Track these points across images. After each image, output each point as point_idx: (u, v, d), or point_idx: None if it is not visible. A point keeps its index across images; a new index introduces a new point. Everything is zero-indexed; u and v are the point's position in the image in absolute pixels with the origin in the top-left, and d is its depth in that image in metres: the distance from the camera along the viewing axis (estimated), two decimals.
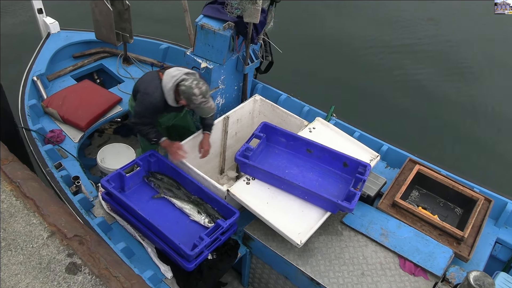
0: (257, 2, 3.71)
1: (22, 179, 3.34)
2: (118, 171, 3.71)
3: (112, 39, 4.62)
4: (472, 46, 8.10)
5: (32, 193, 3.26)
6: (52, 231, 3.08)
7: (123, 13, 4.49)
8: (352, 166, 3.81)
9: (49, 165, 3.88)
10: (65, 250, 3.00)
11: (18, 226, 3.08)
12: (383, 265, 3.49)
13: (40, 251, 2.97)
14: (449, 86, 7.25)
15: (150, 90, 3.57)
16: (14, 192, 3.27)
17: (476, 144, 6.26)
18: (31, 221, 3.13)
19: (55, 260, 2.93)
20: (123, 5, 4.42)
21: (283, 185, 3.65)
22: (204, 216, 3.63)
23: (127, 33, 4.66)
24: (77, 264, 2.94)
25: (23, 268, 2.88)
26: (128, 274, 2.97)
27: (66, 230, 3.08)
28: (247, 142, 3.86)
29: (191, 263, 3.31)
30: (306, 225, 3.45)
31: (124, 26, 4.61)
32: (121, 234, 3.66)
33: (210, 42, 4.16)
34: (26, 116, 4.21)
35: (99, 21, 4.51)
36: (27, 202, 3.22)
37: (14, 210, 3.17)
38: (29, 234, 3.05)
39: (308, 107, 4.91)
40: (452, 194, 4.08)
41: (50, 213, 3.16)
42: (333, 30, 8.12)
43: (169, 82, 3.53)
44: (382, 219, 3.81)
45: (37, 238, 3.04)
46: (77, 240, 3.06)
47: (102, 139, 5.29)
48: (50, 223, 3.12)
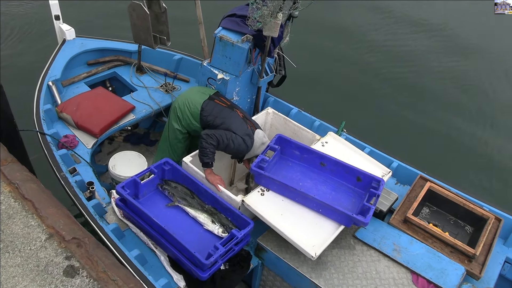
0: (277, 16, 3.78)
1: (21, 181, 3.31)
2: (133, 177, 3.72)
3: (150, 42, 4.64)
4: (490, 61, 8.16)
5: (31, 195, 3.24)
6: (51, 233, 3.05)
7: (160, 16, 4.52)
8: (366, 181, 3.85)
9: (64, 170, 3.88)
10: (63, 252, 2.97)
11: (16, 228, 3.05)
12: (396, 281, 3.49)
13: (38, 253, 2.94)
14: (458, 101, 7.34)
15: (248, 142, 3.99)
16: (12, 193, 3.24)
17: (487, 163, 6.30)
18: (30, 223, 3.10)
19: (53, 263, 2.91)
20: (160, 8, 4.46)
21: (297, 197, 3.67)
22: (218, 225, 3.63)
23: (165, 36, 4.70)
24: (75, 267, 2.91)
25: (20, 271, 2.85)
26: (126, 277, 2.93)
27: (64, 233, 3.06)
28: (262, 154, 3.89)
29: (205, 273, 3.30)
30: (320, 238, 3.46)
31: (161, 28, 4.63)
32: (133, 241, 3.65)
33: (228, 54, 4.21)
34: (41, 120, 4.21)
35: (136, 25, 4.54)
36: (26, 203, 3.20)
37: (13, 211, 3.14)
38: (27, 236, 3.02)
39: (319, 122, 4.95)
40: (462, 212, 4.11)
41: (48, 215, 3.14)
42: (343, 45, 8.23)
43: (259, 149, 4.05)
44: (394, 234, 3.82)
45: (35, 240, 3.01)
46: (75, 242, 3.03)
47: (112, 147, 5.30)
48: (48, 225, 3.09)
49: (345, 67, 7.74)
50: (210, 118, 4.06)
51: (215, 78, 4.33)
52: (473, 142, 6.65)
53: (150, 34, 4.52)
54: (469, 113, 7.15)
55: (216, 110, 4.09)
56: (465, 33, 8.80)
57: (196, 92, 4.31)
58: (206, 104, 4.13)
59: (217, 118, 4.03)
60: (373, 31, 8.73)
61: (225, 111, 4.08)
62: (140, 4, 4.36)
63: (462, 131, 6.80)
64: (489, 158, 6.40)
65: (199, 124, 4.16)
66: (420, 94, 7.41)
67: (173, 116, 4.31)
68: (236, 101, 4.59)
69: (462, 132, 6.79)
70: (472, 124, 6.96)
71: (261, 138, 4.07)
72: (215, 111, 4.08)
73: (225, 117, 4.03)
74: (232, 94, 4.47)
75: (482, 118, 7.08)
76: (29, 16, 7.71)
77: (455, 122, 6.95)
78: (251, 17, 3.83)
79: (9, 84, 6.09)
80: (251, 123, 4.14)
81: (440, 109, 7.17)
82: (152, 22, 4.49)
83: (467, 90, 7.62)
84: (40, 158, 5.02)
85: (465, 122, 6.97)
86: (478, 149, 6.53)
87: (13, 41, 7.15)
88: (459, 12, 9.22)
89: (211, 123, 4.05)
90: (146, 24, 4.43)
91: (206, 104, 4.13)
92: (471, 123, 6.97)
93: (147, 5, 4.41)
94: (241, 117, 4.10)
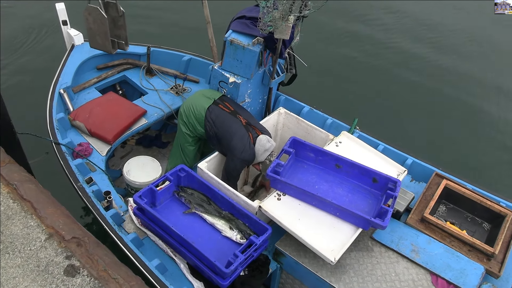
0: (288, 19, 3.73)
1: (19, 181, 3.32)
2: (150, 186, 3.73)
3: (108, 47, 4.47)
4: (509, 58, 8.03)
5: (30, 195, 3.25)
6: (50, 233, 3.07)
7: (118, 20, 4.33)
8: (382, 182, 3.83)
9: (80, 180, 3.90)
10: (63, 252, 2.99)
11: (16, 229, 3.07)
12: (416, 282, 3.50)
13: (38, 253, 2.96)
14: (472, 94, 7.26)
15: (248, 158, 4.04)
16: (11, 194, 3.25)
17: (501, 157, 6.25)
18: (29, 223, 3.11)
19: (53, 263, 2.92)
20: (117, 11, 4.27)
21: (314, 201, 3.67)
22: (236, 232, 3.64)
23: (123, 40, 4.51)
24: (76, 266, 2.92)
25: (21, 271, 2.86)
26: (127, 275, 2.94)
27: (64, 232, 3.07)
28: (277, 158, 3.88)
29: (226, 280, 3.33)
30: (338, 242, 3.47)
31: (119, 33, 4.45)
32: (152, 250, 3.67)
33: (239, 57, 4.18)
34: (55, 130, 4.22)
35: (93, 30, 4.36)
36: (25, 204, 3.21)
37: (12, 212, 3.15)
38: (26, 237, 3.03)
39: (331, 120, 4.92)
40: (479, 209, 4.09)
41: (47, 215, 3.15)
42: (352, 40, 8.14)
43: (262, 156, 4.07)
44: (411, 234, 3.82)
45: (35, 241, 3.02)
46: (75, 242, 3.05)
47: (124, 151, 5.31)
48: (47, 225, 3.11)
49: (354, 63, 7.66)
50: (212, 131, 4.14)
51: (227, 82, 4.31)
52: (487, 137, 6.57)
53: (108, 39, 4.35)
54: (481, 106, 7.07)
55: (219, 120, 4.12)
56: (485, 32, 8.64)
57: (201, 96, 4.33)
58: (210, 110, 4.17)
59: (219, 130, 4.10)
60: (382, 27, 8.62)
61: (227, 120, 4.11)
62: (97, 7, 4.16)
63: (475, 126, 6.73)
64: (505, 152, 6.33)
65: (204, 129, 4.21)
66: (432, 88, 7.32)
67: (180, 121, 4.37)
68: (248, 102, 4.57)
69: (476, 126, 6.72)
70: (486, 118, 6.88)
71: (263, 145, 4.05)
72: (218, 121, 4.12)
73: (227, 129, 4.07)
74: (244, 96, 4.45)
75: (496, 111, 6.99)
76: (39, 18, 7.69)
77: (469, 116, 6.88)
78: (262, 20, 3.78)
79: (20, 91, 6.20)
80: (255, 128, 4.13)
81: (453, 102, 7.10)
82: (110, 27, 4.30)
83: (482, 82, 7.51)
84: (39, 162, 5.13)
85: (479, 117, 6.90)
86: (492, 144, 6.46)
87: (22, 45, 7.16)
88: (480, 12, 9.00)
89: (213, 135, 4.14)
90: (103, 29, 4.27)
91: (210, 111, 4.16)
92: (485, 117, 6.90)
93: (104, 9, 4.21)
94: (244, 124, 4.11)
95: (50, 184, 3.94)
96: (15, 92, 6.20)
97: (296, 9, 3.81)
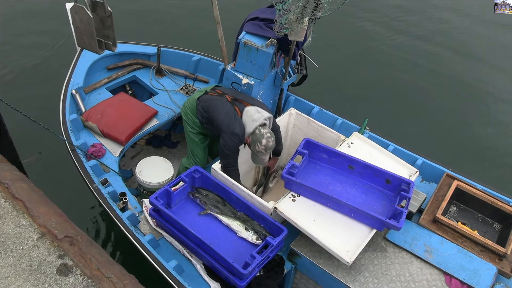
0: (303, 21, 3.74)
1: (10, 180, 3.30)
2: (166, 188, 3.75)
3: (94, 47, 4.31)
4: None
5: (21, 194, 3.23)
6: (43, 232, 3.05)
7: (106, 20, 4.18)
8: (395, 183, 3.87)
9: (96, 181, 3.92)
10: (56, 251, 2.97)
11: (8, 228, 3.05)
12: (430, 283, 3.55)
13: (30, 253, 2.95)
14: (480, 95, 7.28)
15: (238, 131, 3.86)
16: (3, 193, 3.23)
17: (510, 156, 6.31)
18: (21, 222, 3.10)
19: (45, 262, 2.91)
20: (105, 11, 4.14)
21: (329, 203, 3.70)
22: (252, 233, 3.68)
23: (110, 41, 4.36)
24: (68, 265, 2.91)
25: (13, 271, 2.85)
26: (121, 274, 2.93)
27: (56, 231, 3.06)
28: (292, 159, 3.91)
29: (243, 281, 3.36)
30: (353, 243, 3.51)
31: (107, 33, 4.30)
32: (169, 251, 3.70)
33: (252, 59, 4.20)
34: (68, 131, 4.23)
35: (79, 29, 4.20)
36: (16, 203, 3.19)
37: (3, 211, 3.13)
38: (18, 236, 3.01)
39: (341, 120, 4.95)
40: (490, 209, 4.13)
41: (40, 214, 3.13)
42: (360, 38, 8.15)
43: (249, 126, 3.87)
44: (424, 235, 3.87)
45: (27, 240, 3.00)
46: (68, 241, 3.03)
47: (135, 150, 5.32)
48: (40, 224, 3.09)
49: (363, 63, 7.67)
50: (204, 118, 4.12)
51: (240, 83, 4.32)
52: (496, 137, 6.61)
53: (95, 39, 4.20)
54: (493, 106, 7.09)
55: (206, 104, 4.13)
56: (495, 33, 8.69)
57: (197, 92, 4.39)
58: (200, 99, 4.21)
59: (208, 114, 4.07)
60: (390, 26, 8.63)
61: (213, 102, 4.11)
62: (83, 7, 4.03)
63: (484, 127, 6.76)
64: None
65: (198, 119, 4.24)
66: (442, 88, 7.35)
67: (184, 120, 4.42)
68: None
69: (484, 127, 6.75)
70: (495, 118, 6.92)
71: (251, 116, 3.91)
72: (206, 105, 4.13)
73: (213, 110, 4.03)
74: (257, 97, 4.46)
75: (505, 111, 7.04)
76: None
77: (477, 117, 6.91)
78: (277, 23, 3.79)
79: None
80: (243, 101, 4.08)
81: (461, 101, 7.13)
82: (97, 26, 4.17)
83: (494, 83, 7.54)
84: (33, 162, 5.20)
85: (488, 116, 6.93)
86: (501, 145, 6.50)
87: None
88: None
89: (206, 122, 4.13)
90: (90, 29, 4.13)
91: (201, 100, 4.20)
92: (493, 116, 6.93)
93: (91, 8, 4.10)
94: (230, 100, 4.09)
95: (43, 183, 3.94)
96: (23, 91, 6.20)
97: (308, 12, 3.82)
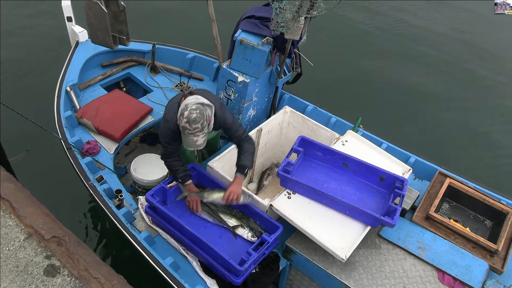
0: (299, 20, 3.77)
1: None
2: (161, 185, 3.76)
3: (109, 43, 4.37)
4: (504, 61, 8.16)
5: (8, 194, 3.18)
6: (29, 232, 3.01)
7: (119, 14, 4.24)
8: (389, 181, 3.92)
9: (91, 178, 3.91)
10: (43, 252, 2.94)
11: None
12: (423, 278, 3.60)
13: (16, 253, 2.91)
14: (474, 93, 7.37)
15: (169, 116, 3.47)
16: None
17: (502, 156, 6.39)
18: (7, 223, 3.06)
19: (32, 263, 2.88)
20: (118, 6, 4.18)
21: (324, 200, 3.73)
22: (247, 230, 3.70)
23: (124, 36, 4.42)
24: (56, 266, 2.88)
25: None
26: (109, 274, 2.92)
27: (43, 232, 3.03)
28: (287, 157, 3.93)
29: (239, 278, 3.38)
30: (348, 240, 3.55)
31: (120, 28, 4.35)
32: (164, 248, 3.71)
33: (248, 57, 4.22)
34: (63, 128, 4.22)
35: (93, 25, 4.27)
36: (3, 203, 3.15)
37: None
38: (5, 237, 2.98)
39: (335, 118, 4.98)
40: (482, 206, 4.20)
41: (26, 214, 3.10)
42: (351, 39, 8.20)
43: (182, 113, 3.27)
44: (417, 232, 3.92)
45: (14, 241, 2.97)
46: (55, 241, 3.00)
47: (129, 148, 5.31)
48: (27, 225, 3.05)
49: (357, 61, 7.72)
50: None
51: (235, 81, 4.34)
52: (488, 135, 6.70)
53: (109, 34, 4.25)
54: (483, 106, 7.18)
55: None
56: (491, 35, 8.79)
57: None
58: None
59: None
60: (384, 25, 8.71)
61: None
62: (97, 2, 4.08)
63: (476, 124, 6.85)
64: (506, 151, 6.47)
65: None
66: (435, 86, 7.42)
67: None
68: (254, 101, 4.61)
69: (477, 125, 6.84)
70: (487, 117, 7.01)
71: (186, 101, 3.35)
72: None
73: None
74: (252, 95, 4.49)
75: (498, 110, 7.13)
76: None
77: (471, 115, 6.99)
78: (274, 21, 3.81)
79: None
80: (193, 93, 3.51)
81: (454, 100, 7.21)
82: (111, 22, 4.22)
83: (485, 81, 7.65)
84: (20, 160, 5.12)
85: (481, 115, 7.02)
86: (493, 143, 6.59)
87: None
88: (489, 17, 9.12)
89: None
90: (104, 23, 4.17)
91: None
92: (486, 115, 7.02)
93: (104, 3, 4.13)
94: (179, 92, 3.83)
95: (33, 181, 3.85)
96: (18, 89, 6.16)
97: (304, 10, 3.84)
